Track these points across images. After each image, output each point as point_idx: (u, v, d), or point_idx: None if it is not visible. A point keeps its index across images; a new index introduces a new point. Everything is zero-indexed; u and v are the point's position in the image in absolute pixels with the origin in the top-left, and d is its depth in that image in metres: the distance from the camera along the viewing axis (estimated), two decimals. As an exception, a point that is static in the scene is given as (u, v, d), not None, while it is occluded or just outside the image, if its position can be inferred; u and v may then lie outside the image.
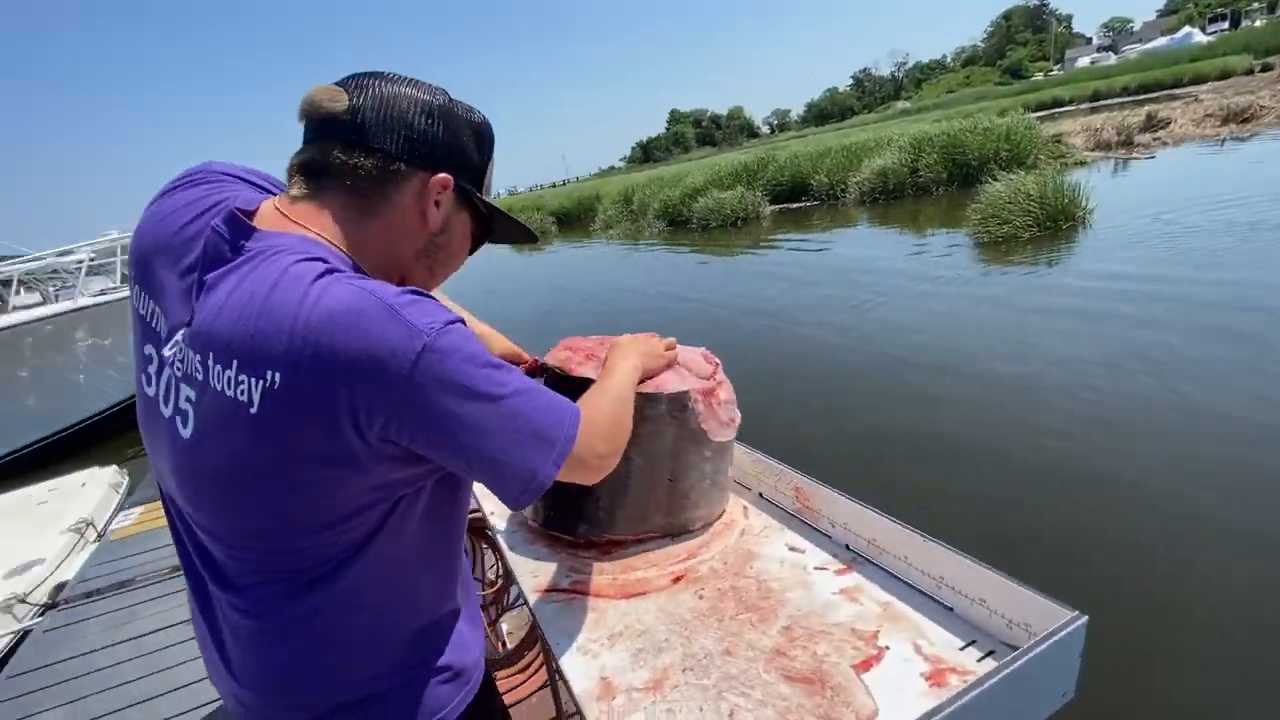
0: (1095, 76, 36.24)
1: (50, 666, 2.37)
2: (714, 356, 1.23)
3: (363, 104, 0.66)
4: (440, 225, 0.73)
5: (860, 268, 7.99)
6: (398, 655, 0.75)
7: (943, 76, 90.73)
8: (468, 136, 0.73)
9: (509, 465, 0.66)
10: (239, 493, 0.64)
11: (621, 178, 34.99)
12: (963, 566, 0.87)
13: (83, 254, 7.67)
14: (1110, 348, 4.33)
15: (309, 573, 0.67)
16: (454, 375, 0.61)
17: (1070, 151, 13.08)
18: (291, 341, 0.58)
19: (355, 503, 0.65)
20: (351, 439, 0.60)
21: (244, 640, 0.71)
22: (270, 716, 0.74)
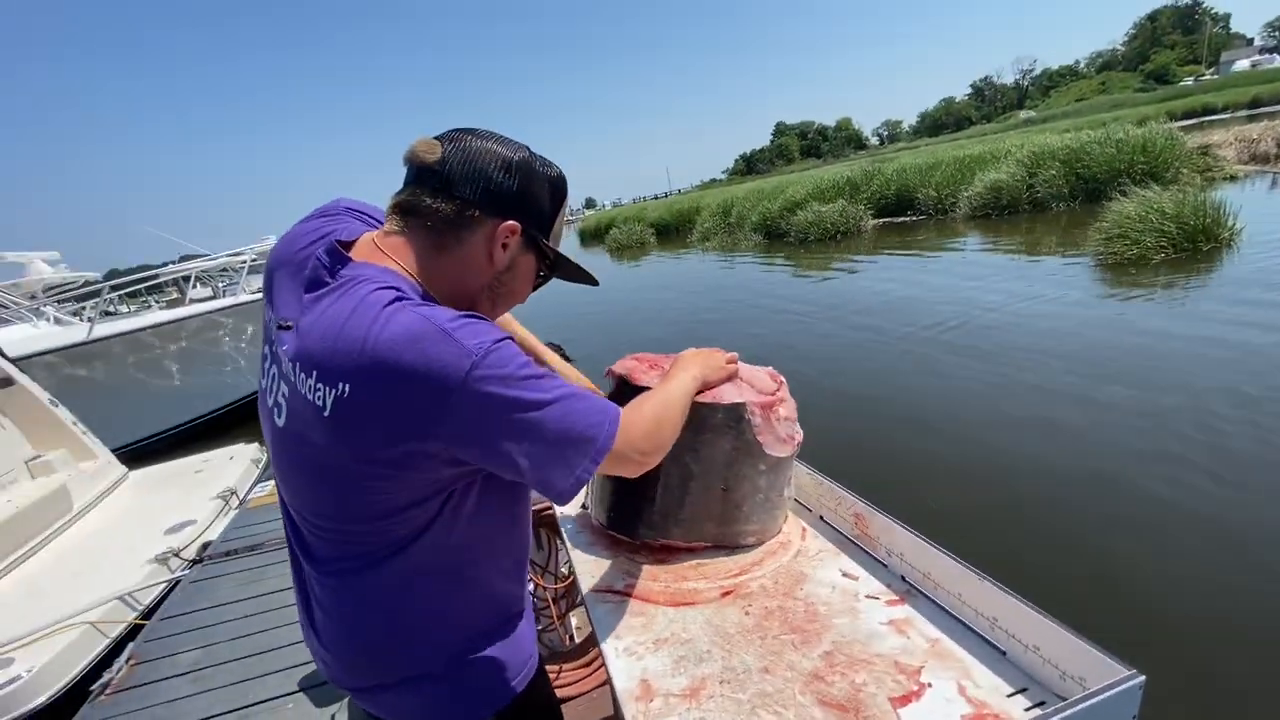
0: (1255, 81, 32.30)
1: (192, 614, 2.73)
2: (779, 375, 1.26)
3: (451, 156, 0.76)
4: (505, 265, 0.82)
5: (964, 287, 7.55)
6: (454, 637, 0.84)
7: (1074, 83, 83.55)
8: (541, 188, 0.82)
9: (551, 466, 0.73)
10: (313, 481, 0.77)
11: (721, 190, 34.96)
12: (1018, 610, 0.85)
13: (246, 255, 8.73)
14: (1232, 390, 3.87)
15: (374, 554, 0.77)
16: (499, 388, 0.69)
17: (1219, 164, 11.71)
18: (360, 358, 0.68)
19: (411, 497, 0.74)
20: (406, 444, 0.69)
21: (326, 608, 0.83)
22: (344, 678, 0.86)
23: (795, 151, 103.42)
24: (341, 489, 0.75)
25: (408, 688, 0.83)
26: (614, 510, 1.22)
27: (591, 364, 1.41)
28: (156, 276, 8.80)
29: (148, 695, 2.23)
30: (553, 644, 2.14)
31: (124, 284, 8.10)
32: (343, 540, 0.79)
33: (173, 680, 2.29)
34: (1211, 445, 3.38)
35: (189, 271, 8.39)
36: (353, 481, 0.73)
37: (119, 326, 6.92)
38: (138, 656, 2.42)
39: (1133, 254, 6.90)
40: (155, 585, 3.04)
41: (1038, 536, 2.95)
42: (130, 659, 2.39)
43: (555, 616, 2.06)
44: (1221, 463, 3.22)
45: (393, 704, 0.86)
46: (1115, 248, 7.09)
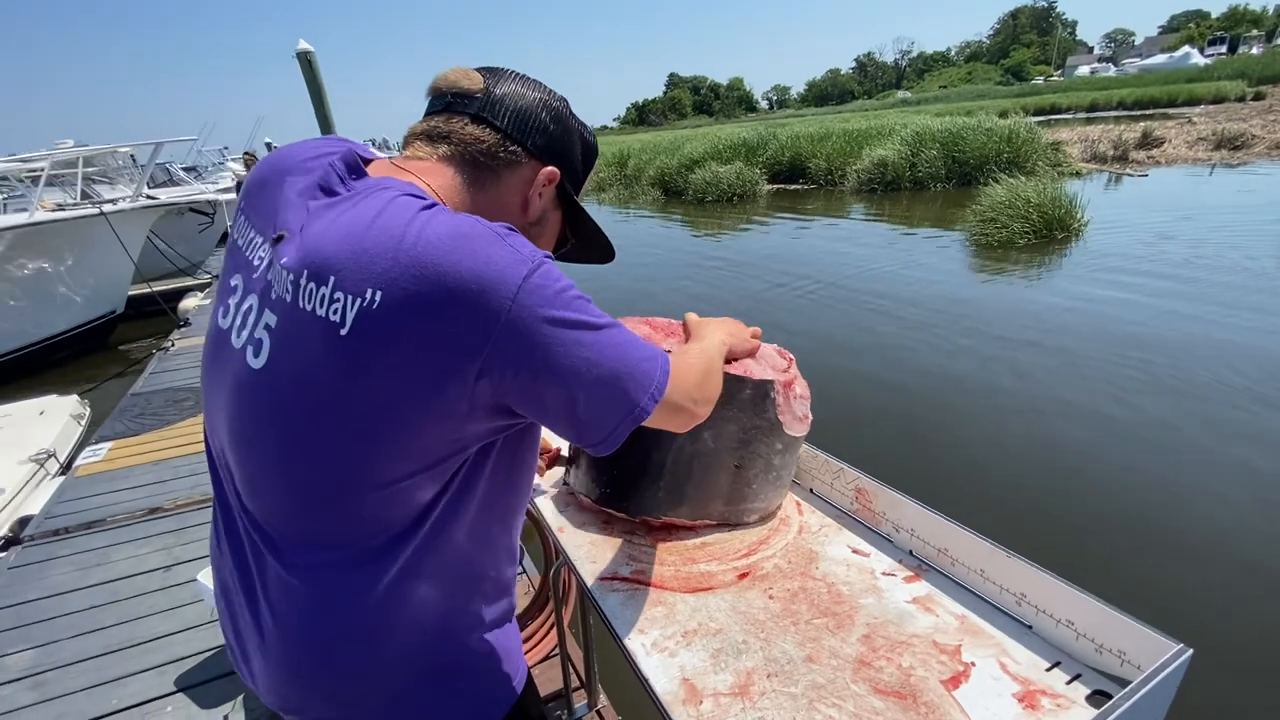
0: (1094, 87, 36.56)
1: (16, 607, 2.28)
2: (788, 353, 1.18)
3: (496, 88, 0.72)
4: (537, 216, 0.77)
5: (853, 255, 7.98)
6: (444, 647, 0.72)
7: (945, 69, 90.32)
8: (577, 144, 0.78)
9: (606, 402, 0.63)
10: (304, 424, 0.61)
11: (614, 138, 34.23)
12: (1048, 584, 0.85)
13: (41, 164, 7.22)
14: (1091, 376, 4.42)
15: (363, 544, 0.64)
16: (557, 302, 0.60)
17: (1068, 161, 13.19)
18: (397, 259, 0.57)
19: (423, 458, 0.62)
20: (444, 368, 0.58)
21: (286, 611, 0.67)
22: (291, 700, 0.70)
23: (688, 106, 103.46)
24: (338, 433, 0.60)
25: (377, 711, 0.70)
26: (611, 485, 1.10)
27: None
28: None
29: (-25, 705, 1.83)
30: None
31: None
32: (324, 524, 0.64)
33: (5, 688, 1.90)
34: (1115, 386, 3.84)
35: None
36: (358, 422, 0.59)
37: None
38: (-47, 660, 1.98)
39: (1002, 236, 7.62)
40: (-38, 572, 2.49)
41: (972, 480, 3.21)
42: (-57, 662, 1.95)
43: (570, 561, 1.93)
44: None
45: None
46: (988, 230, 7.80)
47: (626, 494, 1.08)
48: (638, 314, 1.19)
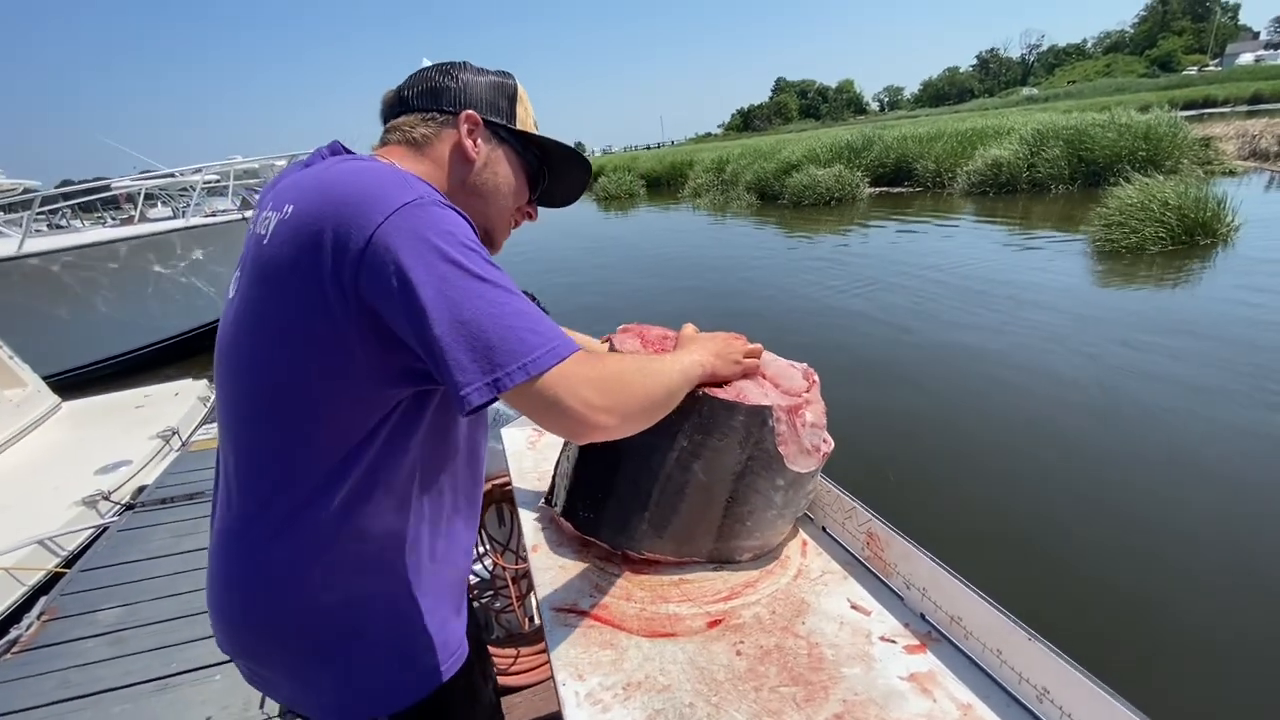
0: (1259, 76, 32.12)
1: (118, 566, 2.52)
2: (813, 372, 1.06)
3: (406, 88, 0.83)
4: (482, 160, 0.83)
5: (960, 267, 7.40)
6: (378, 599, 0.75)
7: (1080, 63, 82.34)
8: (490, 88, 0.84)
9: (464, 354, 0.62)
10: (245, 339, 0.70)
11: (717, 144, 34.06)
12: (1078, 683, 0.68)
13: (208, 174, 8.11)
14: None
15: (305, 478, 0.69)
16: (439, 233, 0.64)
17: (1219, 158, 11.59)
18: (315, 182, 0.69)
19: (347, 388, 0.67)
20: (326, 277, 0.63)
21: (215, 550, 0.75)
22: (243, 644, 0.76)
23: (794, 111, 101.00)
24: (259, 353, 0.69)
25: (312, 663, 0.74)
26: (592, 509, 1.02)
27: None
28: (107, 189, 8.15)
29: (59, 656, 2.03)
30: (511, 626, 1.99)
31: (54, 195, 7.47)
32: (252, 459, 0.71)
33: (88, 641, 2.09)
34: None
35: (140, 187, 7.76)
36: (268, 337, 0.68)
37: (57, 242, 6.38)
38: (53, 611, 2.21)
39: (1131, 242, 6.77)
40: (80, 531, 2.80)
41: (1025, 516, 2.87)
42: (43, 614, 2.19)
43: (515, 597, 1.90)
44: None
45: (292, 686, 0.77)
46: (1114, 234, 6.96)
47: (607, 523, 1.00)
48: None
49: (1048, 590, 2.50)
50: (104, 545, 2.68)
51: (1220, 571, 2.49)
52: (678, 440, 0.92)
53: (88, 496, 2.96)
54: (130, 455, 3.45)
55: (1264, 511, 2.75)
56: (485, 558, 2.05)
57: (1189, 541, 2.65)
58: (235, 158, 8.97)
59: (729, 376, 0.95)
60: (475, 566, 2.10)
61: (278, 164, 9.84)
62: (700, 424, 0.91)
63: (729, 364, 0.94)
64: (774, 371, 1.03)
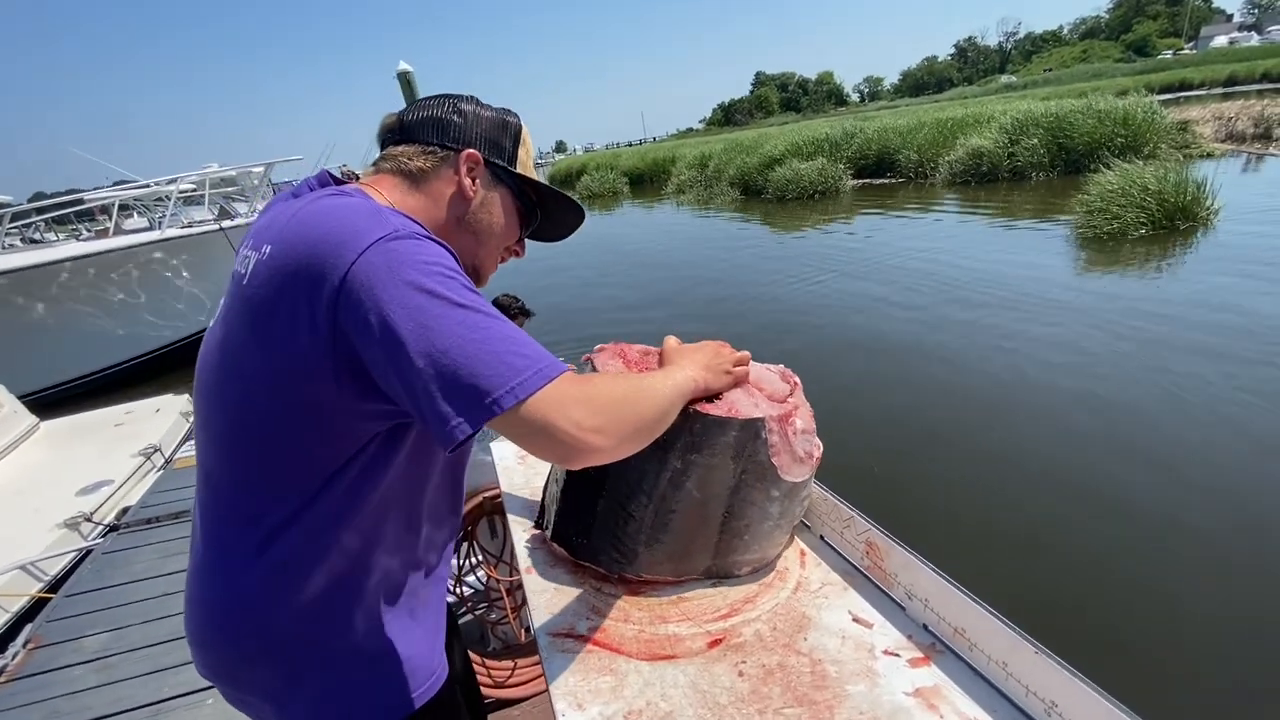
0: (1233, 59, 32.53)
1: (104, 590, 2.47)
2: (792, 374, 1.04)
3: (409, 115, 0.82)
4: (479, 200, 0.82)
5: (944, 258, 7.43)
6: (351, 623, 0.75)
7: (1056, 49, 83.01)
8: (493, 124, 0.83)
9: (452, 380, 0.60)
10: (224, 375, 0.70)
11: (699, 140, 34.00)
12: (1087, 698, 0.67)
13: (184, 184, 7.94)
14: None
15: (279, 505, 0.69)
16: (413, 265, 0.62)
17: (1196, 141, 11.73)
18: (292, 222, 0.68)
19: (299, 414, 0.66)
20: (302, 318, 0.63)
21: (192, 573, 0.75)
22: (216, 665, 0.76)
23: (775, 104, 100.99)
24: (235, 388, 0.69)
25: (285, 687, 0.74)
26: (584, 538, 0.99)
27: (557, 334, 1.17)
28: (80, 202, 7.96)
29: (47, 685, 1.98)
30: (507, 638, 1.97)
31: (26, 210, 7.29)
32: (247, 488, 0.71)
33: (76, 669, 2.05)
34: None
35: (114, 199, 7.59)
36: (244, 373, 0.68)
37: (32, 258, 6.22)
38: (38, 639, 2.16)
39: (1112, 228, 6.84)
40: (63, 555, 2.74)
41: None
42: (29, 642, 2.14)
43: (510, 609, 1.88)
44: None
45: (269, 709, 0.76)
46: (1095, 221, 7.02)
47: (601, 548, 0.97)
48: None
49: (1050, 597, 2.46)
50: (89, 569, 2.62)
51: (1234, 575, 2.45)
52: (670, 460, 0.90)
53: (70, 518, 2.90)
54: (112, 475, 3.38)
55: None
56: (478, 569, 2.03)
57: (1201, 543, 2.61)
58: (211, 166, 8.82)
59: (721, 389, 0.92)
60: (469, 579, 2.07)
61: (254, 171, 9.72)
62: (692, 442, 0.89)
63: (719, 375, 0.91)
64: (755, 376, 1.01)
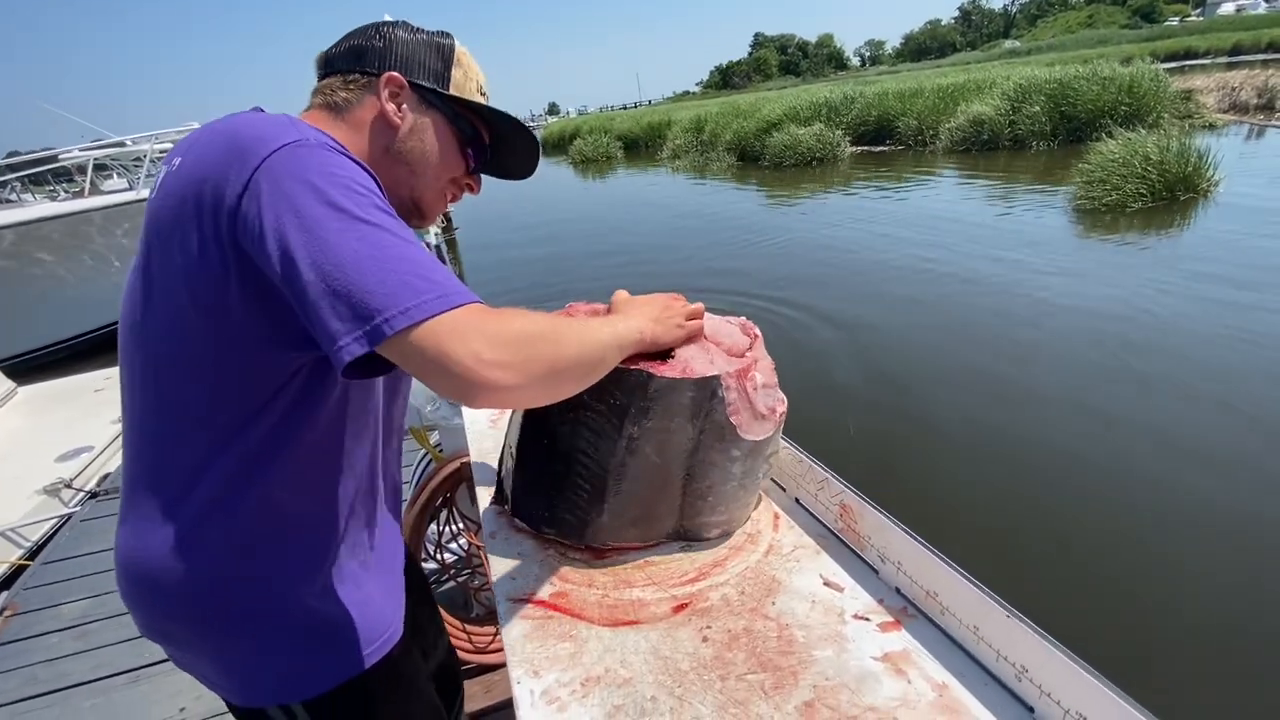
0: (1239, 27, 31.97)
1: (82, 557, 2.45)
2: (754, 327, 0.99)
3: (333, 48, 0.78)
4: (407, 126, 0.77)
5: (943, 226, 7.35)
6: (284, 577, 0.72)
7: (1062, 14, 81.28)
8: (421, 48, 0.77)
9: (341, 295, 0.55)
10: (140, 302, 0.66)
11: (695, 103, 33.38)
12: (1057, 661, 0.64)
13: (162, 143, 7.70)
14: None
15: (200, 448, 0.66)
16: (320, 174, 0.58)
17: (1199, 112, 11.55)
18: (202, 134, 0.65)
19: (228, 353, 0.63)
20: (206, 230, 0.60)
21: (137, 524, 0.70)
22: (156, 624, 0.74)
23: (773, 67, 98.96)
24: (158, 306, 0.64)
25: (218, 643, 0.72)
26: (545, 510, 0.95)
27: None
28: (55, 160, 7.72)
29: (24, 652, 1.97)
30: (490, 603, 1.96)
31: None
32: (167, 434, 0.67)
33: (54, 636, 2.04)
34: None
35: (89, 157, 7.35)
36: (152, 292, 0.64)
37: (5, 218, 6.05)
38: (15, 606, 2.15)
39: (1111, 200, 6.74)
40: (43, 521, 2.71)
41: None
42: (5, 609, 2.12)
43: (491, 575, 1.86)
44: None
45: (206, 667, 0.75)
46: (1095, 192, 6.92)
47: (563, 520, 0.93)
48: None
49: (1026, 565, 2.48)
50: (67, 535, 2.60)
51: (1206, 543, 2.46)
52: (625, 427, 0.85)
53: (49, 485, 2.86)
54: (92, 441, 3.34)
55: (1252, 483, 2.73)
56: (460, 537, 2.01)
57: (1171, 514, 2.63)
58: (191, 124, 8.56)
59: (671, 343, 0.86)
60: (451, 545, 2.05)
61: None
62: (647, 407, 0.84)
63: (670, 329, 0.85)
64: (711, 329, 0.96)
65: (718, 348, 0.91)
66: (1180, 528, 2.55)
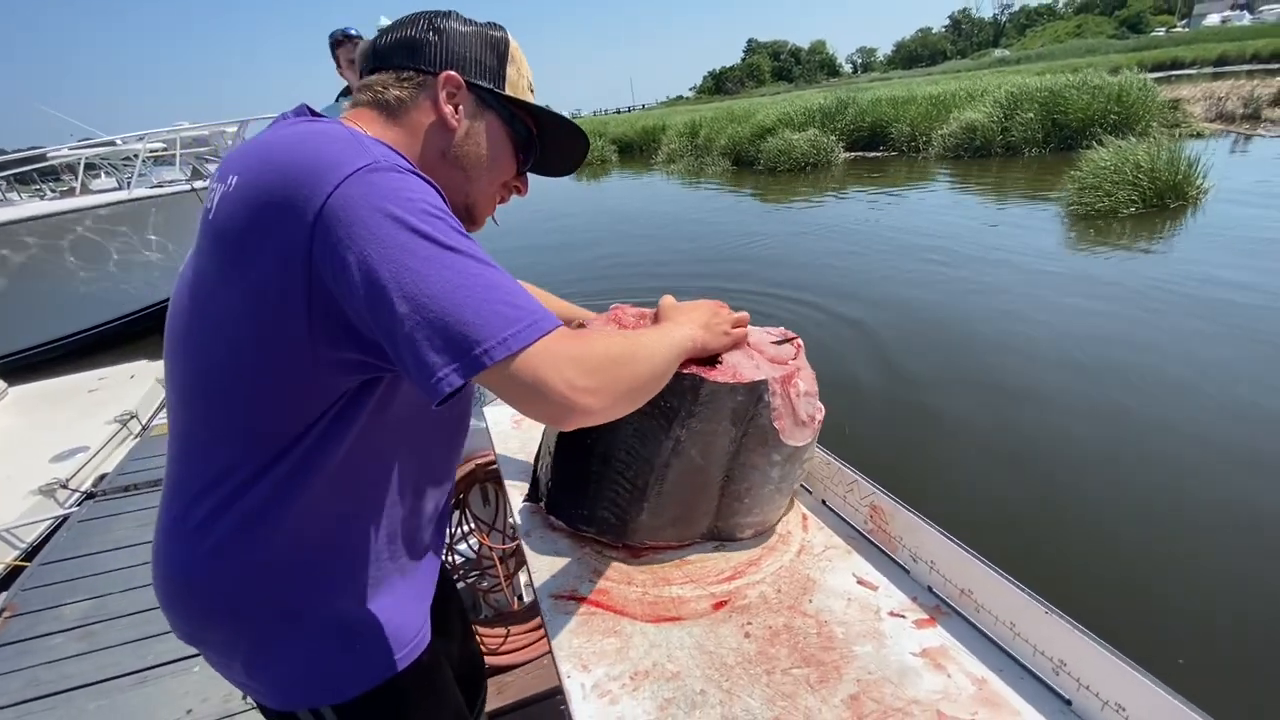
0: (1224, 38, 32.48)
1: (81, 558, 2.42)
2: (794, 334, 1.01)
3: (381, 40, 0.75)
4: (464, 129, 0.75)
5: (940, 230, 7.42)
6: (321, 583, 0.72)
7: (1051, 24, 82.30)
8: (478, 43, 0.75)
9: (436, 327, 0.55)
10: (193, 318, 0.65)
11: (689, 108, 33.49)
12: (1097, 655, 0.66)
13: (153, 143, 7.63)
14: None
15: (245, 460, 0.66)
16: (397, 200, 0.57)
17: (1186, 121, 11.74)
18: (261, 149, 0.62)
19: (267, 363, 0.62)
20: (272, 252, 0.58)
21: (179, 528, 0.69)
22: (195, 627, 0.73)
23: (766, 73, 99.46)
24: (211, 325, 0.64)
25: (253, 647, 0.72)
26: (584, 509, 0.96)
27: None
28: (43, 159, 7.63)
29: (26, 653, 1.95)
30: (500, 605, 1.96)
31: None
32: (213, 442, 0.67)
33: (56, 637, 2.01)
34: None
35: (79, 156, 7.27)
36: (211, 314, 0.63)
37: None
38: (14, 607, 2.12)
39: (1103, 206, 6.84)
40: (39, 522, 2.68)
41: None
42: (5, 610, 2.09)
43: (503, 576, 1.86)
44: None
45: (240, 671, 0.74)
46: (1087, 198, 7.02)
47: (602, 519, 0.94)
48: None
49: (1056, 559, 2.50)
50: (65, 536, 2.57)
51: (1237, 536, 2.49)
52: (673, 429, 0.86)
53: (44, 485, 2.83)
54: (87, 441, 3.30)
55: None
56: (470, 537, 2.01)
57: (1206, 506, 2.64)
58: (182, 124, 8.49)
59: (719, 349, 0.88)
60: (460, 546, 2.05)
61: (228, 130, 9.36)
62: (695, 409, 0.85)
63: (718, 336, 0.87)
64: (755, 340, 0.98)
65: (761, 355, 0.93)
66: (1214, 520, 2.58)
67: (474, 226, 0.81)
